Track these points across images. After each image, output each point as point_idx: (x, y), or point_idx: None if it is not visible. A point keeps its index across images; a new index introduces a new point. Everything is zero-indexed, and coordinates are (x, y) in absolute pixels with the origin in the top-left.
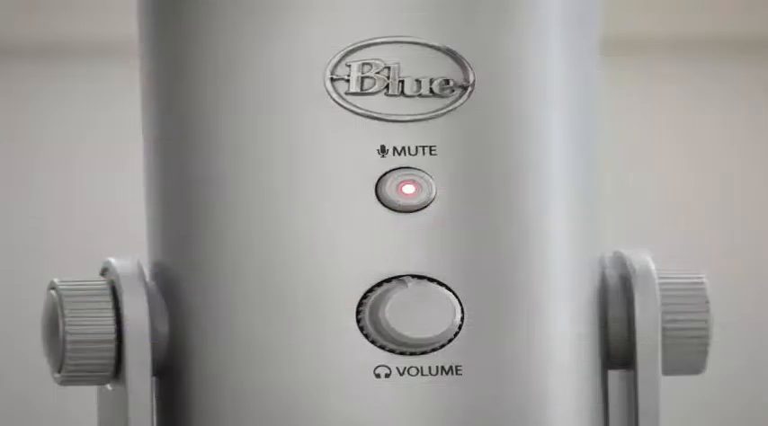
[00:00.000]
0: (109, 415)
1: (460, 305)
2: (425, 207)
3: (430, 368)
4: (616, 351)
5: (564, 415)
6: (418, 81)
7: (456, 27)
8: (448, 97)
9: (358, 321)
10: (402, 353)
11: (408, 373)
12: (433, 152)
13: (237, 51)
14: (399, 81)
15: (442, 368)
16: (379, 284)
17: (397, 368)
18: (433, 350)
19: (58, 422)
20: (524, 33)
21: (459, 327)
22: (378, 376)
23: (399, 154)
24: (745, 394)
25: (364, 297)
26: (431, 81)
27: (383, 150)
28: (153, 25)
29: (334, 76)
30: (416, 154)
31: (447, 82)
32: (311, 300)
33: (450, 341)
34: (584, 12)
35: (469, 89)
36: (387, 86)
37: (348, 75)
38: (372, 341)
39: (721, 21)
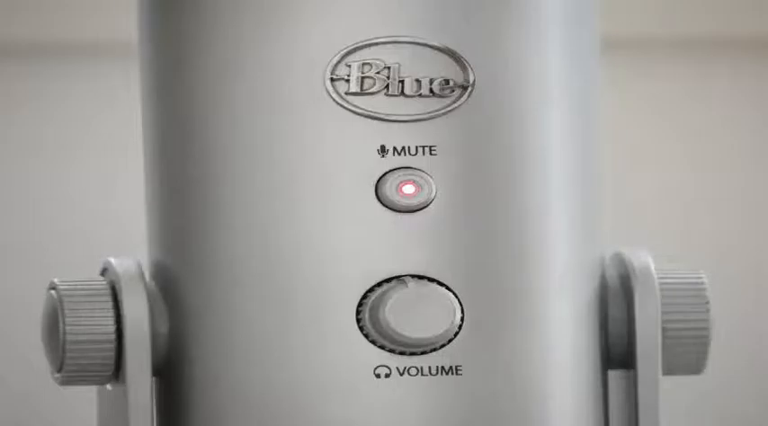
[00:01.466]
0: (109, 415)
1: (460, 305)
2: (425, 207)
3: (430, 368)
4: (616, 351)
5: (564, 415)
6: (418, 81)
7: (456, 27)
8: (448, 97)
9: (358, 321)
10: (402, 353)
11: (408, 373)
12: (433, 152)
13: (237, 51)
14: (399, 81)
15: (442, 368)
16: (379, 284)
17: (397, 368)
18: (433, 350)
19: (57, 422)
20: (524, 33)
21: (460, 327)
22: (378, 376)
23: (399, 154)
24: (745, 395)
25: (364, 297)
26: (431, 81)
27: (383, 150)
28: (153, 25)
29: (335, 76)
30: (416, 154)
31: (447, 82)
32: (311, 300)
33: (450, 341)
34: (584, 11)
35: (469, 89)
36: (387, 86)
37: (348, 75)
38: (372, 341)
39: (721, 21)
